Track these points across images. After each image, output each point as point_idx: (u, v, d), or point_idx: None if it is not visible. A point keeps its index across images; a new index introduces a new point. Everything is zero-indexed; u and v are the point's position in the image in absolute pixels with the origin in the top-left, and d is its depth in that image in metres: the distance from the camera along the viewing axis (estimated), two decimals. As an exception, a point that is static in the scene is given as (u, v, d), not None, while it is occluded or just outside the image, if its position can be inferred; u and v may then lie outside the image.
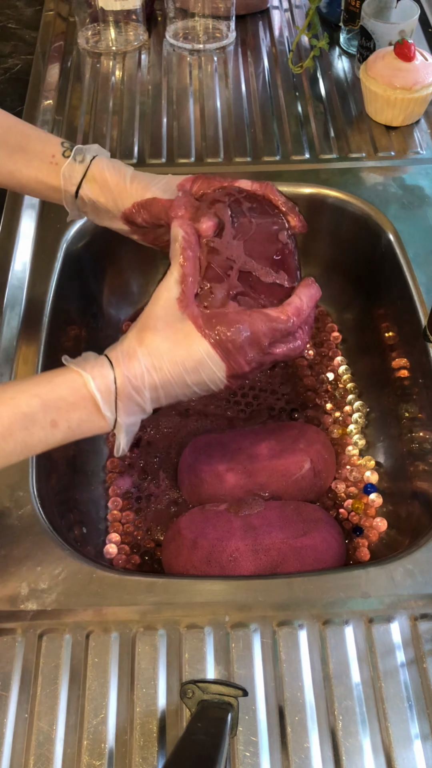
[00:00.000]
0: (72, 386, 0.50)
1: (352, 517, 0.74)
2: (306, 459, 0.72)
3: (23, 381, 0.51)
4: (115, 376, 0.50)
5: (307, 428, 0.76)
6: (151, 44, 1.05)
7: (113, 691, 0.50)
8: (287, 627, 0.53)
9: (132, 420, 0.53)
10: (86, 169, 0.61)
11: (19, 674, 0.51)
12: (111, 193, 0.61)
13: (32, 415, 0.48)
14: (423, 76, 0.86)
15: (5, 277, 0.76)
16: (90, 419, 0.51)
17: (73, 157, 0.61)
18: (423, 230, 0.79)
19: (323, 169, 0.86)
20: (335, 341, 0.89)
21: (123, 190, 0.60)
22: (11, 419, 0.48)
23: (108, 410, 0.51)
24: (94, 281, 0.87)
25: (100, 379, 0.50)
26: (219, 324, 0.52)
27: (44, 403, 0.49)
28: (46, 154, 0.61)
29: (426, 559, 0.56)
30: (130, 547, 0.72)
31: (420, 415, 0.71)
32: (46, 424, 0.49)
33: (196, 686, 0.46)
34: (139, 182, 0.60)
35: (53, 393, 0.49)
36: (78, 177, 0.61)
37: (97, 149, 0.62)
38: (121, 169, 0.61)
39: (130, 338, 0.52)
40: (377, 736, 0.48)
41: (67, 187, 0.61)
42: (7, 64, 1.07)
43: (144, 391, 0.51)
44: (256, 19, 1.08)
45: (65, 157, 0.61)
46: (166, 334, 0.52)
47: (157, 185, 0.60)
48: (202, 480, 0.72)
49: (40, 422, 0.49)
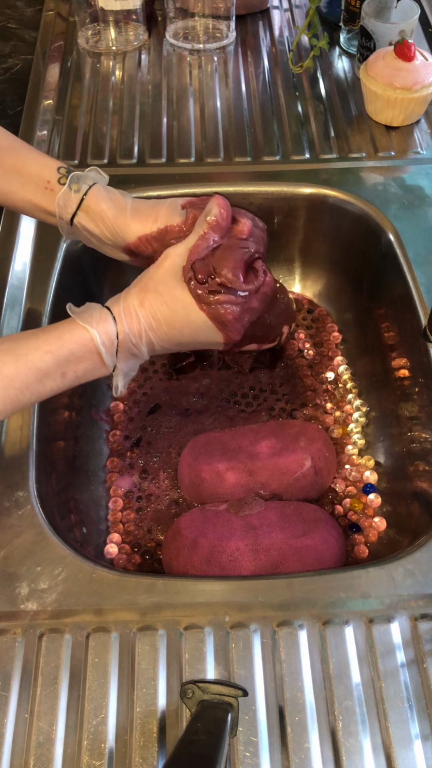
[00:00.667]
0: (80, 342, 0.54)
1: (351, 516, 0.74)
2: (307, 457, 0.72)
3: (32, 336, 0.54)
4: (117, 332, 0.55)
5: (308, 426, 0.76)
6: (151, 44, 1.05)
7: (113, 691, 0.50)
8: (287, 627, 0.53)
9: (129, 365, 0.58)
10: (81, 200, 0.60)
11: (19, 674, 0.51)
12: (109, 227, 0.61)
13: (46, 370, 0.53)
14: (423, 76, 0.86)
15: (5, 277, 0.76)
16: (94, 368, 0.56)
17: (69, 186, 0.60)
18: (423, 230, 0.79)
19: (323, 169, 0.86)
20: (335, 341, 0.89)
21: (123, 224, 0.60)
22: (27, 374, 0.52)
23: (110, 361, 0.56)
24: (94, 281, 0.87)
25: (105, 335, 0.55)
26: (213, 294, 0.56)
27: (56, 358, 0.53)
28: (41, 179, 0.61)
29: (426, 559, 0.56)
30: (130, 546, 0.72)
31: (420, 415, 0.71)
32: (57, 376, 0.54)
33: (196, 686, 0.46)
34: (140, 215, 0.60)
35: (64, 349, 0.54)
36: (73, 207, 0.60)
37: (94, 176, 0.62)
38: (120, 201, 0.61)
39: (131, 296, 0.56)
40: (377, 736, 0.48)
41: (62, 215, 0.61)
42: (7, 64, 1.06)
43: (142, 346, 0.57)
44: (256, 19, 1.08)
45: (61, 184, 0.60)
46: (166, 299, 0.56)
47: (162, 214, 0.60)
48: (203, 479, 0.72)
49: (52, 375, 0.53)
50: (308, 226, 0.86)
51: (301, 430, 0.75)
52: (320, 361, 0.87)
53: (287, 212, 0.86)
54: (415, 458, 0.71)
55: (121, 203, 0.61)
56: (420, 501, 0.67)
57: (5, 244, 0.79)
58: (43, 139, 0.90)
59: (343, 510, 0.75)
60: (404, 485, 0.72)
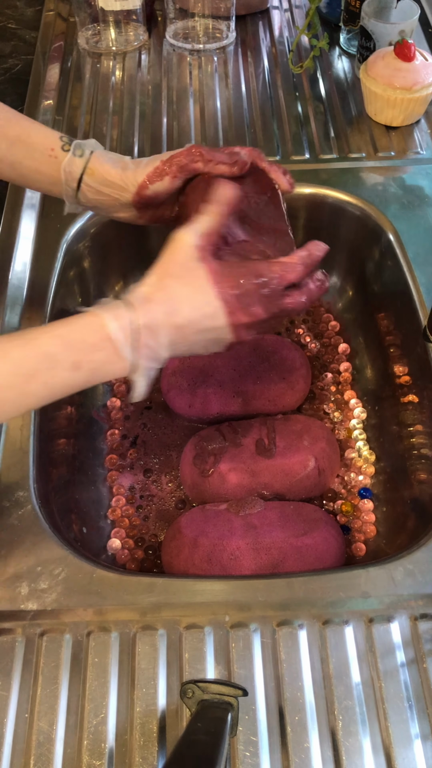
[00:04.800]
0: (91, 327, 0.51)
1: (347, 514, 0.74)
2: (310, 458, 0.72)
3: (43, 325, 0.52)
4: (132, 319, 0.51)
5: (312, 423, 0.76)
6: (151, 44, 1.05)
7: (113, 691, 0.50)
8: (287, 627, 0.53)
9: (148, 364, 0.53)
10: (86, 163, 0.61)
11: (19, 674, 0.51)
12: (114, 184, 0.61)
13: (54, 356, 0.49)
14: (423, 76, 0.86)
15: (5, 277, 0.76)
16: (110, 360, 0.51)
17: (73, 152, 0.61)
18: (423, 230, 0.79)
19: (323, 169, 0.86)
20: (335, 342, 0.89)
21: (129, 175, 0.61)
22: (35, 359, 0.49)
23: (127, 351, 0.51)
24: (94, 281, 0.87)
25: (118, 321, 0.51)
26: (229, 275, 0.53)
27: (66, 343, 0.50)
28: (45, 147, 0.62)
29: (426, 559, 0.56)
30: (134, 541, 0.72)
31: (420, 415, 0.71)
32: (68, 365, 0.50)
33: (196, 686, 0.46)
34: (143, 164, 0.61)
35: (74, 334, 0.50)
36: (78, 171, 0.61)
37: (94, 144, 0.63)
38: (121, 159, 0.62)
39: (149, 283, 0.53)
40: (377, 736, 0.48)
41: (68, 181, 0.62)
42: (7, 64, 1.06)
43: (160, 335, 0.52)
44: (256, 19, 1.08)
45: (65, 151, 0.62)
46: (186, 280, 0.53)
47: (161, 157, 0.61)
48: (205, 479, 0.72)
49: (62, 363, 0.50)
50: (308, 226, 0.86)
51: (305, 427, 0.75)
52: (320, 362, 0.87)
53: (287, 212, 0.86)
54: (414, 459, 0.71)
55: (123, 161, 0.62)
56: (419, 502, 0.67)
57: (5, 244, 0.79)
58: (43, 139, 0.90)
59: (332, 505, 0.75)
60: (404, 486, 0.72)
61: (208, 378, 0.78)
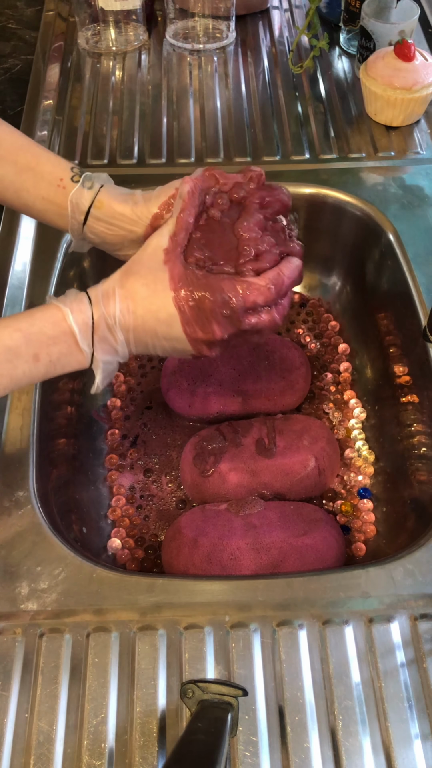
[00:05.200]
0: (52, 320, 0.52)
1: (347, 514, 0.74)
2: (311, 458, 0.72)
3: (4, 318, 0.53)
4: (92, 312, 0.52)
5: (312, 423, 0.76)
6: (151, 44, 1.05)
7: (113, 691, 0.50)
8: (287, 627, 0.53)
9: (107, 358, 0.54)
10: (95, 196, 0.60)
11: (19, 674, 0.51)
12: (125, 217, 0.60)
13: (16, 349, 0.50)
14: (423, 76, 0.86)
15: (5, 277, 0.76)
16: (69, 352, 0.52)
17: (82, 183, 0.60)
18: (423, 230, 0.79)
19: (323, 169, 0.86)
20: (335, 342, 0.89)
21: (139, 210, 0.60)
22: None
23: (85, 344, 0.53)
24: (94, 282, 0.86)
25: (78, 314, 0.52)
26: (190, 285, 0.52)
27: (26, 336, 0.51)
28: (54, 177, 0.60)
29: (426, 559, 0.56)
30: (134, 540, 0.72)
31: (420, 415, 0.71)
32: (29, 358, 0.51)
33: (196, 686, 0.46)
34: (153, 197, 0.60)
35: (34, 327, 0.51)
36: (86, 204, 0.60)
37: (105, 178, 0.62)
38: (131, 194, 0.61)
39: (113, 279, 0.54)
40: (377, 736, 0.48)
41: (74, 214, 0.61)
42: (7, 64, 1.06)
43: (117, 331, 0.53)
44: (256, 19, 1.08)
45: (74, 182, 0.60)
46: (147, 281, 0.53)
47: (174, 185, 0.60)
48: (205, 478, 0.72)
49: (24, 356, 0.51)
50: (308, 227, 0.86)
51: (305, 427, 0.75)
52: (320, 362, 0.87)
53: (287, 212, 0.86)
54: (414, 459, 0.71)
55: (133, 195, 0.61)
56: (419, 502, 0.67)
57: (5, 244, 0.79)
58: (43, 139, 0.90)
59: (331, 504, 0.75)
60: (403, 486, 0.72)
61: (208, 377, 0.78)
